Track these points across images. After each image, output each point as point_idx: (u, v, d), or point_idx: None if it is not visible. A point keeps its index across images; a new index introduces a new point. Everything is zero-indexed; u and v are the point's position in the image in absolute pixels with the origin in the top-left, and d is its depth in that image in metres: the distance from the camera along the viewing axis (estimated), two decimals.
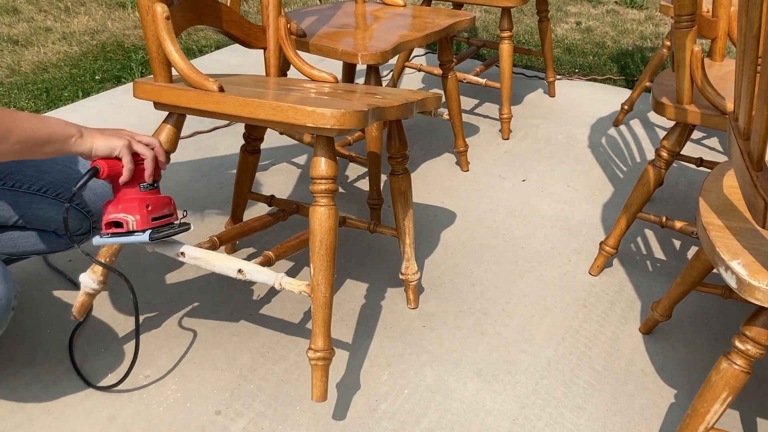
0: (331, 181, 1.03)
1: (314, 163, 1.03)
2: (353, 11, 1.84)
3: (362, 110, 0.99)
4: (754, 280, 0.82)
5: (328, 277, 1.04)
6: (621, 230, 1.48)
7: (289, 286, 1.07)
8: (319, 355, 1.06)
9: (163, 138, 1.14)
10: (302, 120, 0.98)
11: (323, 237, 1.03)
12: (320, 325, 1.06)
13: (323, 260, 1.04)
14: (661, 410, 1.21)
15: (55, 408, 1.17)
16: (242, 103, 1.02)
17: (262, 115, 1.00)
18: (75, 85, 2.53)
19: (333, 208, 1.03)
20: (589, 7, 3.79)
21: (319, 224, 1.03)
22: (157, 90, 1.09)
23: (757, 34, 0.75)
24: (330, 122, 0.97)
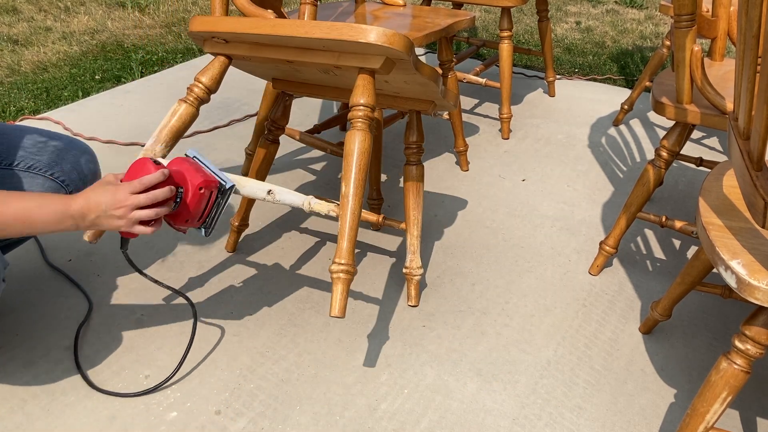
0: (368, 109, 1.09)
1: (354, 93, 1.10)
2: (353, 11, 1.84)
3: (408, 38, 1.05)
4: (753, 279, 0.82)
5: (359, 193, 1.08)
6: (621, 230, 1.48)
7: (318, 207, 1.12)
8: (343, 267, 1.07)
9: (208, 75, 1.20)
10: (355, 36, 1.02)
11: (358, 157, 1.09)
12: (347, 238, 1.08)
13: (356, 179, 1.08)
14: (661, 410, 1.21)
15: (55, 408, 1.17)
16: (298, 24, 1.06)
17: (317, 34, 1.04)
18: (75, 84, 2.53)
19: (368, 133, 1.10)
20: (588, 7, 3.79)
21: (355, 145, 1.09)
22: (215, 20, 1.13)
23: (756, 33, 0.75)
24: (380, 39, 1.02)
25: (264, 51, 1.15)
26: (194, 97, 1.21)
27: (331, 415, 1.17)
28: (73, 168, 1.25)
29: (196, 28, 1.14)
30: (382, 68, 1.08)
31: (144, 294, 1.45)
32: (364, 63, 1.08)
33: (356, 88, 1.10)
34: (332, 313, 1.06)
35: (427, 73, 1.15)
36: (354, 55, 1.09)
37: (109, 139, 2.11)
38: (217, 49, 1.19)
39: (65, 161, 1.25)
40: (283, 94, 1.42)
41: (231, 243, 1.58)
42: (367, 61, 1.08)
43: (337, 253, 1.07)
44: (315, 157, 2.05)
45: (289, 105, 1.43)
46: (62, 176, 1.24)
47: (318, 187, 1.88)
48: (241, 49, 1.17)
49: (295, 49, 1.13)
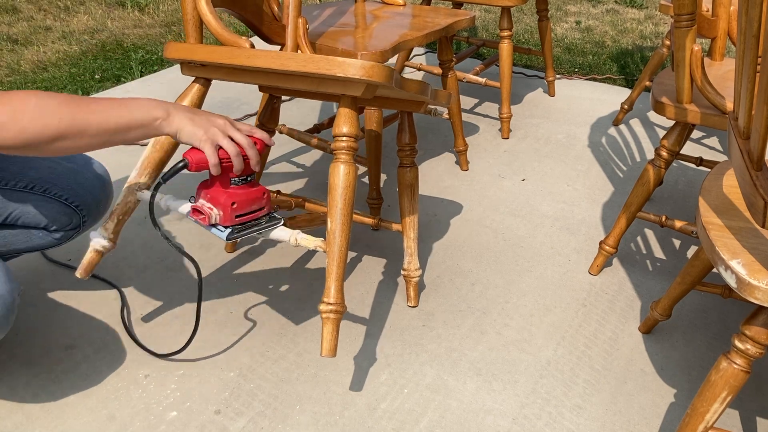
0: (352, 139, 1.06)
1: (337, 121, 1.06)
2: (353, 10, 1.84)
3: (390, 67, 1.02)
4: (753, 279, 0.82)
5: (345, 231, 1.06)
6: (621, 229, 1.48)
7: (305, 242, 1.09)
8: (332, 308, 1.06)
9: (187, 101, 1.17)
10: (332, 70, 0.99)
11: (343, 192, 1.06)
12: (334, 278, 1.06)
13: (342, 214, 1.06)
14: (660, 409, 1.21)
15: (55, 407, 1.17)
16: (274, 56, 1.03)
17: (293, 67, 1.02)
18: (75, 84, 2.53)
19: (353, 165, 1.07)
20: (588, 7, 3.79)
21: (339, 180, 1.06)
22: (190, 48, 1.10)
23: (756, 33, 0.75)
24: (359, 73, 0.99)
25: (242, 76, 1.12)
26: None
27: (331, 414, 1.17)
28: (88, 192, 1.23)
29: (170, 55, 1.12)
30: (364, 93, 1.05)
31: (143, 293, 1.45)
32: (344, 90, 1.05)
33: (338, 117, 1.07)
34: (323, 354, 1.06)
35: (413, 89, 1.13)
36: (334, 83, 1.05)
37: None
38: (194, 72, 1.17)
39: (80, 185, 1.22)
40: (271, 97, 1.41)
41: (231, 243, 1.58)
42: (348, 88, 1.05)
43: (325, 293, 1.06)
44: (315, 157, 2.05)
45: (277, 107, 1.42)
46: (77, 201, 1.22)
47: (317, 187, 1.88)
48: (218, 73, 1.15)
49: (275, 75, 1.10)
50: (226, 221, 1.04)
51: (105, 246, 1.22)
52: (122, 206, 1.20)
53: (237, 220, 1.05)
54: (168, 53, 1.12)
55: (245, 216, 1.05)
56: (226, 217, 1.04)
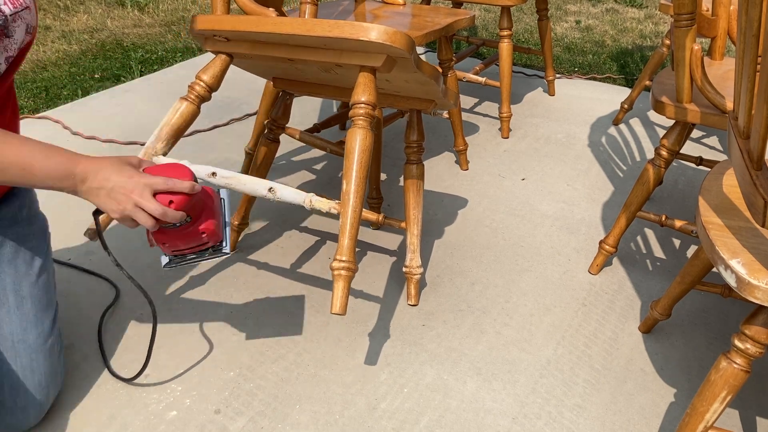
0: (370, 107, 1.09)
1: (356, 91, 1.09)
2: (353, 10, 1.83)
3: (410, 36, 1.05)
4: (753, 278, 0.82)
5: (360, 191, 1.08)
6: (620, 229, 1.48)
7: (319, 204, 1.11)
8: (344, 265, 1.06)
9: (209, 73, 1.20)
10: (356, 34, 1.02)
11: (360, 155, 1.08)
12: (348, 236, 1.07)
13: (357, 176, 1.08)
14: (660, 409, 1.21)
15: (54, 407, 1.17)
16: (300, 22, 1.05)
17: (319, 32, 1.04)
18: (74, 83, 2.53)
19: (369, 131, 1.09)
20: (588, 6, 3.79)
21: (356, 144, 1.08)
22: (218, 19, 1.13)
23: (756, 33, 0.75)
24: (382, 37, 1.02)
25: (265, 49, 1.15)
26: (195, 95, 1.21)
27: (331, 414, 1.17)
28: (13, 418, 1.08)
29: (198, 27, 1.14)
30: (383, 66, 1.08)
31: None
32: (365, 61, 1.08)
33: (357, 86, 1.10)
34: (333, 310, 1.06)
35: (429, 72, 1.15)
36: (355, 53, 1.09)
37: (109, 139, 2.11)
38: (218, 47, 1.19)
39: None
40: (284, 93, 1.42)
41: (231, 242, 1.58)
42: (369, 59, 1.08)
43: (338, 251, 1.07)
44: (315, 157, 2.05)
45: (289, 104, 1.43)
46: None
47: (318, 186, 1.88)
48: (242, 47, 1.17)
49: (297, 48, 1.13)
50: (165, 251, 1.06)
51: None
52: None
53: (173, 253, 1.06)
54: (197, 24, 1.14)
55: (182, 251, 1.06)
56: (164, 249, 1.05)
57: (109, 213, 0.93)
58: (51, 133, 2.14)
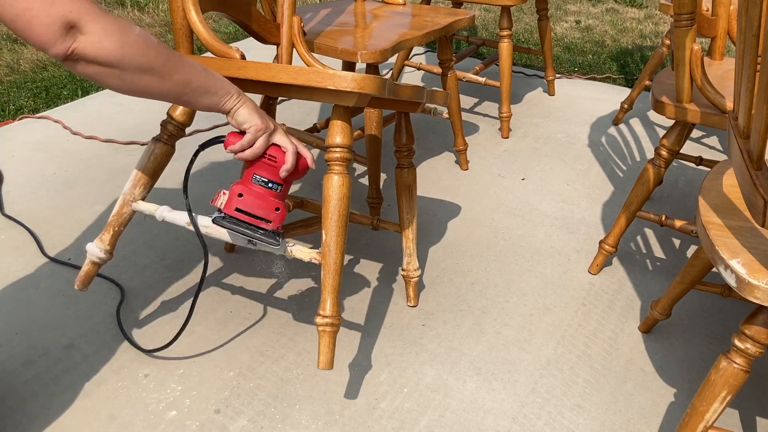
0: (346, 150, 1.06)
1: (330, 132, 1.05)
2: (353, 10, 1.83)
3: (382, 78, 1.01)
4: (753, 278, 0.82)
5: (340, 243, 1.06)
6: (620, 229, 1.48)
7: (299, 254, 1.09)
8: (327, 321, 1.06)
9: (180, 110, 1.17)
10: (323, 82, 0.99)
11: (337, 203, 1.05)
12: (329, 291, 1.06)
13: (336, 226, 1.05)
14: (660, 409, 1.21)
15: (54, 407, 1.17)
16: (264, 67, 1.02)
17: (284, 79, 1.01)
18: (74, 83, 2.52)
19: (347, 176, 1.06)
20: (588, 6, 3.79)
21: (333, 191, 1.05)
22: None
23: (756, 32, 0.75)
24: (350, 85, 0.98)
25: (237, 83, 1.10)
26: (167, 134, 1.20)
27: (331, 414, 1.17)
28: None
29: None
30: (357, 103, 1.04)
31: (143, 293, 1.45)
32: (337, 100, 1.04)
33: (331, 127, 1.05)
34: (320, 366, 1.06)
35: (408, 95, 1.12)
36: (326, 94, 1.04)
37: (109, 138, 2.11)
38: None
39: None
40: (266, 98, 1.41)
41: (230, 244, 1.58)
42: (340, 99, 1.04)
43: (321, 306, 1.06)
44: (314, 156, 2.05)
45: (273, 107, 1.42)
46: None
47: (317, 186, 1.88)
48: None
49: (267, 85, 1.09)
50: (225, 207, 1.03)
51: (101, 258, 1.22)
52: (117, 218, 1.20)
53: (235, 214, 1.03)
54: None
55: (246, 216, 1.03)
56: (227, 204, 1.03)
57: (252, 126, 1.00)
58: (51, 133, 2.14)
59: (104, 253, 1.21)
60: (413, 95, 1.14)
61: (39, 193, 1.80)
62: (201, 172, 1.94)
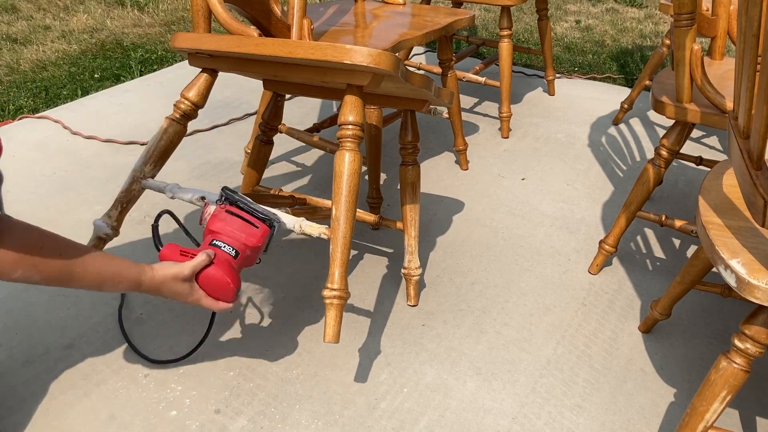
0: (358, 127, 1.06)
1: (343, 110, 1.06)
2: (353, 10, 1.83)
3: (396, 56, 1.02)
4: (753, 278, 0.82)
5: (350, 217, 1.06)
6: (620, 229, 1.48)
7: (309, 229, 1.09)
8: (335, 293, 1.06)
9: (194, 91, 1.19)
10: (340, 57, 0.99)
11: (348, 179, 1.06)
12: (339, 264, 1.06)
13: (347, 200, 1.06)
14: (660, 409, 1.21)
15: (54, 407, 1.17)
16: (281, 43, 1.03)
17: (301, 54, 1.01)
18: (74, 83, 2.52)
19: (358, 153, 1.07)
20: (588, 6, 3.79)
21: (344, 167, 1.06)
22: (198, 37, 1.11)
23: (756, 32, 0.75)
24: (366, 60, 0.99)
25: (249, 66, 1.13)
26: (181, 113, 1.21)
27: (331, 413, 1.17)
28: None
29: (178, 45, 1.13)
30: (370, 84, 1.05)
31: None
32: (351, 79, 1.05)
33: (344, 106, 1.07)
34: (326, 339, 1.06)
35: (418, 83, 1.13)
36: (340, 72, 1.06)
37: (108, 138, 2.11)
38: (201, 63, 1.18)
39: None
40: (275, 95, 1.41)
41: None
42: (354, 78, 1.05)
43: (329, 279, 1.06)
44: (315, 156, 2.05)
45: (281, 105, 1.42)
46: None
47: (317, 186, 1.88)
48: (225, 64, 1.15)
49: (281, 65, 1.11)
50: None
51: (108, 233, 1.22)
52: (126, 194, 1.21)
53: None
54: (176, 42, 1.13)
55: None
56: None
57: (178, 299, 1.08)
58: (51, 132, 2.14)
59: (111, 229, 1.21)
60: (423, 84, 1.15)
61: (39, 193, 1.80)
62: (200, 169, 1.94)
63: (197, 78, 1.21)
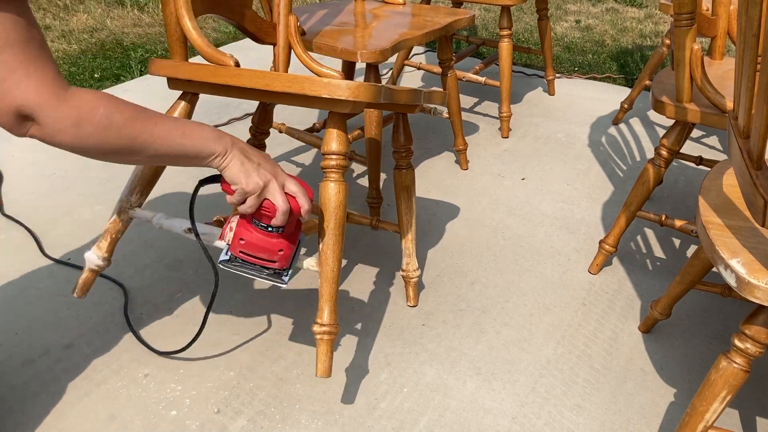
0: (342, 157, 1.04)
1: (326, 139, 1.04)
2: (353, 9, 1.83)
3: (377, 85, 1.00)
4: (753, 278, 0.82)
5: (337, 251, 1.05)
6: (620, 229, 1.48)
7: (298, 263, 1.09)
8: (325, 329, 1.05)
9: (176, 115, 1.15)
10: (317, 91, 0.97)
11: (334, 211, 1.04)
12: (327, 299, 1.06)
13: (332, 234, 1.05)
14: (660, 409, 1.21)
15: (54, 407, 1.17)
16: (258, 75, 1.01)
17: (278, 87, 1.00)
18: (74, 83, 2.52)
19: (343, 183, 1.05)
20: (588, 6, 3.79)
21: (329, 199, 1.04)
22: (174, 66, 1.09)
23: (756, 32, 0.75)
24: (345, 94, 0.97)
25: (229, 92, 1.10)
26: None
27: (331, 413, 1.17)
28: None
29: (155, 72, 1.11)
30: (352, 110, 1.03)
31: (143, 292, 1.45)
32: (332, 107, 1.03)
33: (327, 134, 1.04)
34: (318, 374, 1.06)
35: (404, 99, 1.11)
36: (321, 101, 1.03)
37: None
38: (181, 87, 1.16)
39: None
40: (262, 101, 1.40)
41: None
42: (335, 106, 1.03)
43: (318, 314, 1.06)
44: (315, 156, 2.05)
45: (270, 109, 1.41)
46: None
47: (317, 186, 1.88)
48: (205, 89, 1.13)
49: (261, 93, 1.08)
50: (231, 248, 1.03)
51: (99, 265, 1.22)
52: (114, 225, 1.19)
53: (241, 255, 1.03)
54: (153, 70, 1.11)
55: (250, 257, 1.03)
56: (232, 245, 1.03)
57: (242, 183, 0.95)
58: None
59: (102, 260, 1.21)
60: (410, 99, 1.13)
61: (39, 193, 1.80)
62: (200, 169, 1.94)
63: (176, 104, 1.16)
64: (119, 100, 0.86)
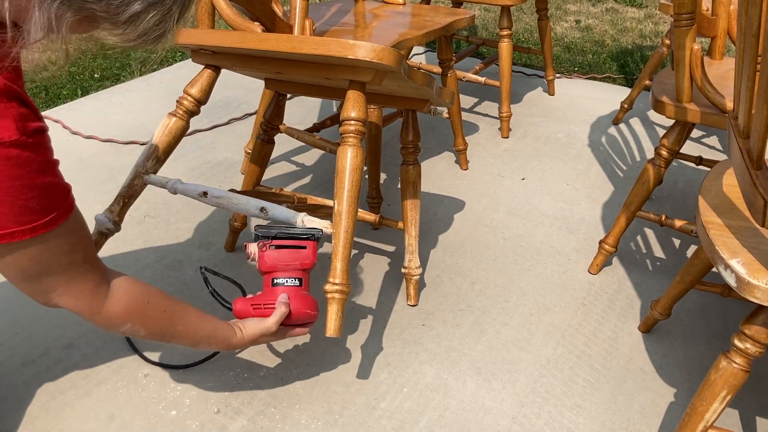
0: (360, 123, 1.07)
1: (345, 105, 1.07)
2: (353, 10, 1.83)
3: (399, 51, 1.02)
4: (753, 278, 0.82)
5: (352, 212, 1.06)
6: (620, 229, 1.48)
7: (311, 224, 1.10)
8: (337, 288, 1.06)
9: (196, 88, 1.19)
10: (343, 52, 1.00)
11: (351, 174, 1.06)
12: (341, 258, 1.06)
13: (349, 196, 1.06)
14: (660, 409, 1.21)
15: (54, 407, 1.17)
16: (285, 39, 1.03)
17: (304, 50, 1.02)
18: (74, 83, 2.52)
19: (360, 148, 1.07)
20: (588, 6, 3.79)
21: (346, 162, 1.06)
22: (202, 33, 1.11)
23: (756, 32, 0.75)
24: (370, 55, 0.99)
25: (252, 63, 1.13)
26: (183, 110, 1.21)
27: (331, 413, 1.17)
28: None
29: (182, 41, 1.13)
30: (373, 80, 1.06)
31: None
32: (354, 76, 1.06)
33: (347, 101, 1.08)
34: (328, 333, 1.06)
35: (420, 80, 1.13)
36: (343, 69, 1.06)
37: (108, 138, 2.11)
38: (204, 60, 1.18)
39: None
40: (277, 94, 1.41)
41: (230, 242, 1.58)
42: (357, 74, 1.06)
43: (331, 273, 1.06)
44: (315, 156, 2.05)
45: (282, 105, 1.42)
46: None
47: (317, 186, 1.88)
48: (228, 60, 1.16)
49: (284, 62, 1.11)
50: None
51: (110, 228, 1.22)
52: (128, 189, 1.21)
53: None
54: (180, 38, 1.13)
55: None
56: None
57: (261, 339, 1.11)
58: (51, 132, 2.13)
59: (112, 224, 1.21)
60: (425, 82, 1.15)
61: None
62: (200, 169, 1.94)
63: (200, 74, 1.21)
64: (161, 296, 0.99)
